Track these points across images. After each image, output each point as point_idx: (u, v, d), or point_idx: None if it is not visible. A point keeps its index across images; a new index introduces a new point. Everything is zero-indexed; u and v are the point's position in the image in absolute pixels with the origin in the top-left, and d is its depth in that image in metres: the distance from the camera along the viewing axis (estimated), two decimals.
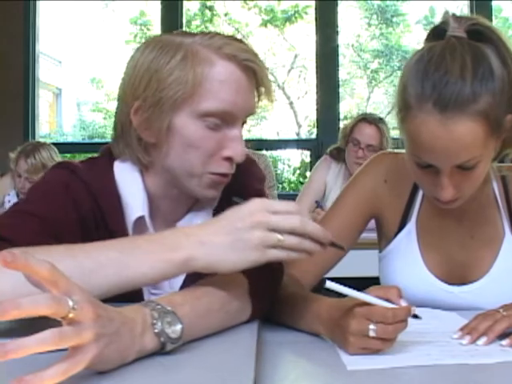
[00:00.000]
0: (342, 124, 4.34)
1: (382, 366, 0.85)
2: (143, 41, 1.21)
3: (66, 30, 6.39)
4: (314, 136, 4.83)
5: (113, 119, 1.21)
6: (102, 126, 7.08)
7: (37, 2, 5.44)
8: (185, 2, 5.42)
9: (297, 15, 6.10)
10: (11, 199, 3.53)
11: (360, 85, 6.68)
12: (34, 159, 3.36)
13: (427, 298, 1.27)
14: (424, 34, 1.23)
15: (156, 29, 6.44)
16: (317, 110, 4.58)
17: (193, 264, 0.90)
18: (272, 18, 6.21)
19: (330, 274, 1.31)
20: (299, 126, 6.68)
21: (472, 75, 1.06)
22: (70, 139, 7.04)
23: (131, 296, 0.91)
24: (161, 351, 0.82)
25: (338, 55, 4.98)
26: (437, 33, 1.17)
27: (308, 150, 4.75)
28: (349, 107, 6.56)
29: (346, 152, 3.25)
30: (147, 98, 1.09)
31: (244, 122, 1.15)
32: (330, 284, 0.90)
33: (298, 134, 6.57)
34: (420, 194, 1.32)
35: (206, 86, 1.08)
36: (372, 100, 6.70)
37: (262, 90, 1.15)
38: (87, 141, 6.84)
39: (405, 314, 0.90)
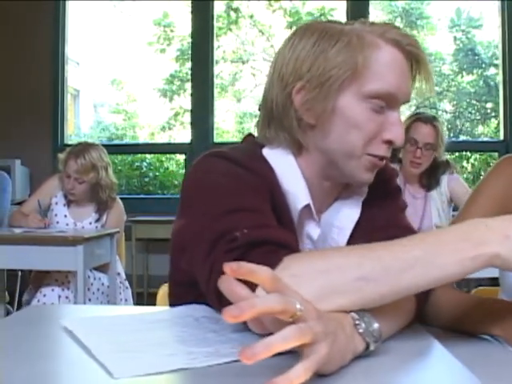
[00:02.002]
0: None
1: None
2: (166, 43, 1.21)
3: (83, 31, 6.36)
4: None
5: (134, 119, 1.17)
6: (123, 127, 7.05)
7: (66, 2, 5.43)
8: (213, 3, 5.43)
9: (323, 17, 6.09)
10: (58, 201, 3.51)
11: None
12: (84, 159, 3.34)
13: None
14: (449, 37, 1.23)
15: (179, 30, 6.43)
16: None
17: (495, 261, 0.85)
18: (297, 20, 6.19)
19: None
20: None
21: None
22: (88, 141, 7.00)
23: None
24: (364, 352, 0.82)
25: None
26: None
27: None
28: None
29: (403, 152, 3.24)
30: (312, 78, 1.09)
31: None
32: None
33: None
34: None
35: (373, 68, 1.08)
36: None
37: (417, 77, 1.14)
38: (106, 142, 6.81)
39: None
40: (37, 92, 5.26)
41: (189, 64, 5.98)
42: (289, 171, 1.15)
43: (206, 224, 1.01)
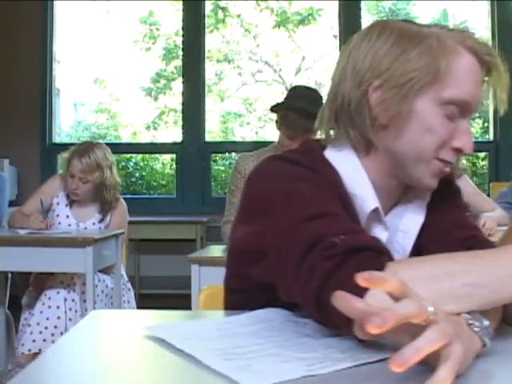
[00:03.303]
0: None
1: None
2: (152, 41, 1.19)
3: (66, 29, 6.25)
4: None
5: (117, 119, 1.15)
6: (105, 126, 6.95)
7: (54, 1, 5.35)
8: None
9: (310, 17, 6.10)
10: (60, 201, 3.43)
11: None
12: (89, 159, 3.27)
13: None
14: None
15: (165, 29, 6.37)
16: None
17: None
18: (284, 20, 6.19)
19: None
20: None
21: None
22: (67, 140, 6.88)
23: None
24: (482, 350, 0.81)
25: None
26: None
27: None
28: None
29: None
30: (391, 78, 1.08)
31: None
32: None
33: None
34: None
35: (453, 74, 1.08)
36: None
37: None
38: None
39: None
40: (24, 91, 5.17)
41: (175, 63, 5.94)
42: (354, 173, 1.14)
43: (291, 230, 0.98)
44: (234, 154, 6.23)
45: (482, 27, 5.52)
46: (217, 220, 5.08)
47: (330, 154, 1.16)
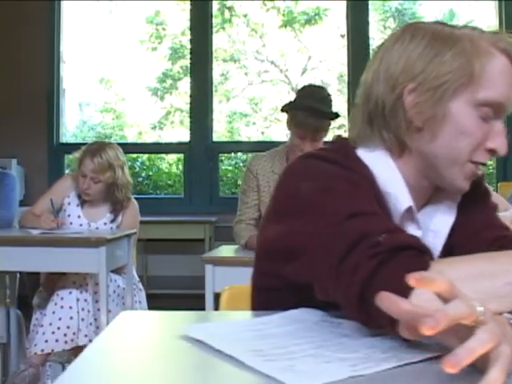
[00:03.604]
0: None
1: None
2: (158, 41, 1.19)
3: (72, 29, 6.24)
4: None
5: (123, 119, 1.14)
6: (111, 126, 6.94)
7: (62, 1, 5.34)
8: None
9: (317, 17, 6.09)
10: (71, 201, 3.42)
11: None
12: (101, 158, 3.26)
13: None
14: None
15: (171, 28, 6.36)
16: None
17: None
18: (291, 20, 6.18)
19: None
20: None
21: None
22: (72, 140, 6.88)
23: None
24: None
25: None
26: None
27: None
28: None
29: None
30: (425, 81, 1.09)
31: None
32: None
33: None
34: None
35: (487, 76, 1.09)
36: None
37: None
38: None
39: None
40: (32, 91, 5.17)
41: (181, 62, 5.93)
42: (388, 172, 1.14)
43: (330, 229, 0.98)
44: (239, 153, 6.23)
45: (489, 27, 5.52)
46: (225, 220, 5.09)
47: (363, 154, 1.16)
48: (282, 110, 3.06)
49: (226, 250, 3.04)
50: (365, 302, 0.87)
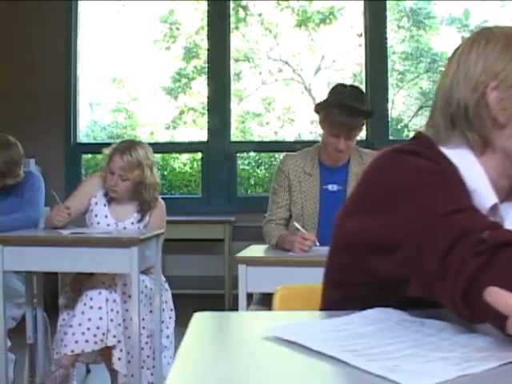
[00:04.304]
0: None
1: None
2: (171, 40, 1.21)
3: (85, 29, 6.22)
4: None
5: (134, 119, 1.14)
6: (123, 126, 6.92)
7: (79, 1, 5.33)
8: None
9: (331, 17, 6.08)
10: (98, 201, 3.40)
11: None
12: (130, 156, 3.23)
13: None
14: (457, 37, 1.31)
15: (185, 28, 6.35)
16: None
17: None
18: (305, 19, 6.17)
19: None
20: None
21: None
22: (85, 140, 6.87)
23: None
24: None
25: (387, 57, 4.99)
26: None
27: None
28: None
29: None
30: (507, 78, 1.12)
31: None
32: None
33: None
34: None
35: None
36: (396, 102, 6.72)
37: None
38: (107, 141, 6.67)
39: None
40: (50, 91, 5.15)
41: (194, 62, 5.91)
42: (472, 169, 1.14)
43: (431, 224, 0.97)
44: (252, 153, 6.21)
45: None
46: (243, 220, 5.08)
47: (446, 151, 1.16)
48: (315, 111, 3.04)
49: (257, 250, 3.03)
50: (469, 299, 0.87)
